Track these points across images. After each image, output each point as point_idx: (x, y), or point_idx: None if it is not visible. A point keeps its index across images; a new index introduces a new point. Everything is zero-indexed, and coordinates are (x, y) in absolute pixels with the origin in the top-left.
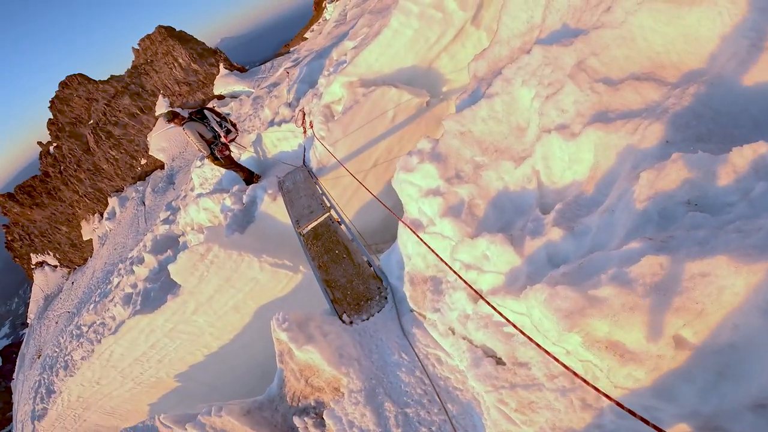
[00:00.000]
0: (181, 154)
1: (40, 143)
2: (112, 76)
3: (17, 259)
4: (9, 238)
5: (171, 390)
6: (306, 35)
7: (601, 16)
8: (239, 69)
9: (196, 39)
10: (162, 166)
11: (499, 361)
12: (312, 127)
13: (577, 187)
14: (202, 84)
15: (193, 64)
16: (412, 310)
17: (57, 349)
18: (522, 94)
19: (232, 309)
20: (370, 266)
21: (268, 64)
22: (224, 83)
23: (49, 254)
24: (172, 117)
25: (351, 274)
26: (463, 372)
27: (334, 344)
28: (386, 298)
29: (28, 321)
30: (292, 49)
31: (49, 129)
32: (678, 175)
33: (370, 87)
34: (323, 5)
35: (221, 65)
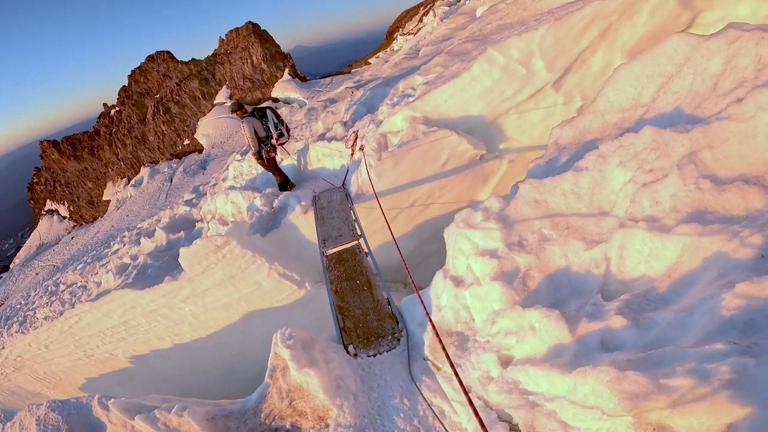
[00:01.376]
0: (221, 144)
1: (105, 105)
2: (192, 59)
3: (32, 201)
4: (34, 180)
5: (118, 369)
6: (370, 60)
7: (729, 107)
8: (301, 77)
9: (273, 40)
10: (200, 151)
11: (513, 428)
12: (362, 150)
13: (649, 282)
14: (263, 84)
15: (263, 64)
16: (425, 359)
17: (22, 302)
18: (615, 175)
19: (222, 306)
20: (389, 304)
21: (328, 80)
22: (283, 88)
23: (63, 204)
24: (237, 108)
25: (367, 308)
26: (465, 431)
27: (335, 373)
28: (399, 339)
29: (11, 265)
30: (353, 70)
31: (119, 94)
32: None
33: (432, 126)
34: (395, 36)
35: (286, 70)
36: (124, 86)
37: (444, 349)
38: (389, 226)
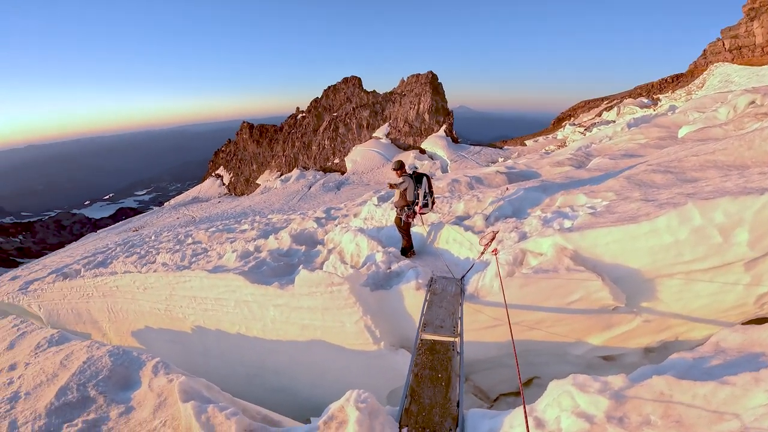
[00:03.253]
0: (361, 174)
1: (297, 109)
2: (374, 91)
3: (211, 163)
4: (222, 148)
5: (176, 330)
6: (527, 142)
7: None
8: (453, 138)
9: (443, 95)
10: (342, 172)
11: None
12: (495, 255)
13: None
14: (419, 132)
15: (426, 114)
16: None
17: (153, 237)
18: (758, 397)
19: (301, 325)
20: (458, 407)
21: (478, 148)
22: (434, 143)
23: (229, 174)
24: (399, 167)
25: (436, 402)
26: None
27: None
28: None
29: (166, 203)
30: (506, 147)
31: (310, 103)
32: None
33: (579, 265)
34: (563, 124)
35: (444, 126)
36: (317, 98)
37: None
38: (513, 339)
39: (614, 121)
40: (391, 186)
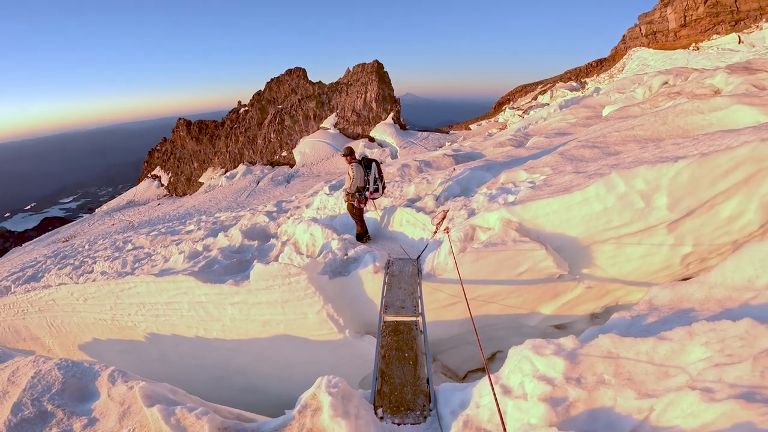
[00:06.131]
0: (311, 165)
1: (239, 103)
2: (319, 82)
3: (146, 164)
4: (157, 147)
5: (127, 339)
6: (471, 126)
7: None
8: (401, 125)
9: (390, 83)
10: (291, 165)
11: None
12: (447, 233)
13: None
14: (367, 121)
15: (373, 103)
16: None
17: (87, 246)
18: (693, 351)
19: (262, 321)
20: (428, 384)
21: (425, 134)
22: (382, 130)
23: (167, 174)
24: (349, 153)
25: (407, 380)
26: None
27: (360, 429)
28: (425, 418)
29: (97, 210)
30: (452, 132)
31: (253, 97)
32: None
33: (524, 236)
34: (503, 108)
35: (391, 114)
36: (260, 91)
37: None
38: (471, 316)
39: (548, 104)
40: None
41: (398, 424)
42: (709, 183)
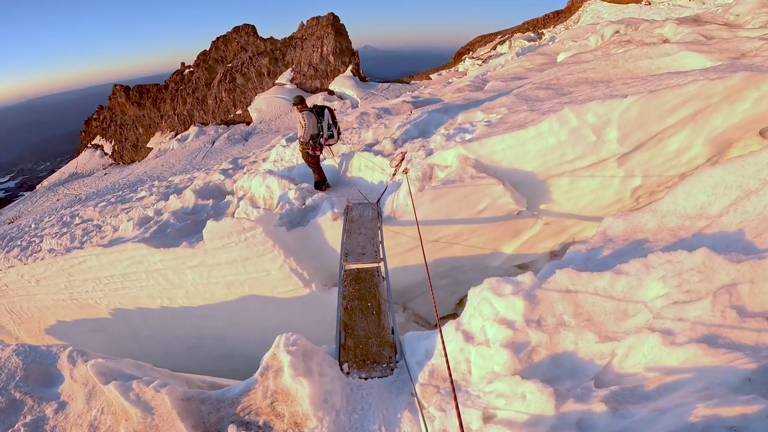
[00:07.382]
0: (269, 122)
1: (183, 64)
2: (271, 38)
3: (83, 134)
4: (93, 116)
5: (94, 318)
6: (432, 75)
7: None
8: (361, 77)
9: (347, 36)
10: (248, 123)
11: None
12: (406, 174)
13: (641, 380)
14: (325, 75)
15: (331, 56)
16: (413, 394)
17: (33, 225)
18: (652, 287)
19: (225, 283)
20: (393, 334)
21: (386, 85)
22: (341, 83)
23: (110, 142)
24: (300, 101)
25: (371, 331)
26: None
27: (325, 387)
28: (392, 370)
29: (38, 186)
30: (413, 81)
31: (197, 57)
32: (740, 410)
33: (481, 172)
34: (463, 57)
35: (350, 67)
36: (205, 50)
37: (454, 393)
38: (425, 259)
39: (507, 53)
40: None
41: (365, 378)
42: (658, 118)
